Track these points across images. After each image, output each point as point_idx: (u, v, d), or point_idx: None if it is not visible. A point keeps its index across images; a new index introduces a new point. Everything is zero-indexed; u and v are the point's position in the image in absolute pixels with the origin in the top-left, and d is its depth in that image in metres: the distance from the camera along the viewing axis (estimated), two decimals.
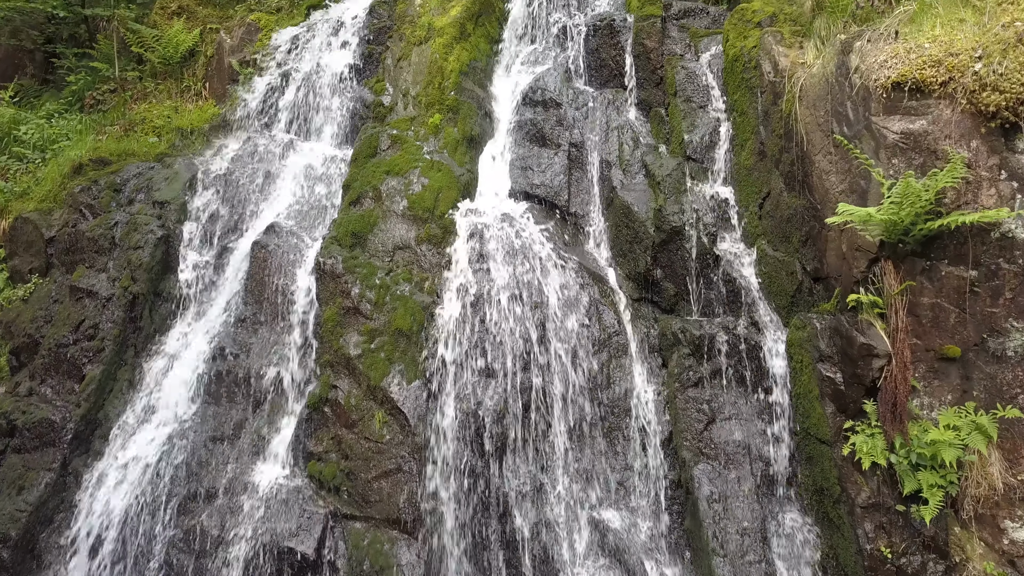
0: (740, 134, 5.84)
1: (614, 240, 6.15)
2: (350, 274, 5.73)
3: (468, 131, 6.69)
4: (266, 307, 6.01)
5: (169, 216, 6.73)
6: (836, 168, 4.55)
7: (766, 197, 5.44)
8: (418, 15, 7.52)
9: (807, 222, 4.89)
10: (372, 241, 5.94)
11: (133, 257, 6.42)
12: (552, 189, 6.50)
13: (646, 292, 5.89)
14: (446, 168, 6.32)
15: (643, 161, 6.32)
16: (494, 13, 7.89)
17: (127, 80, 9.16)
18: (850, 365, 4.33)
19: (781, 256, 5.18)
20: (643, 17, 6.94)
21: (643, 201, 6.01)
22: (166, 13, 9.44)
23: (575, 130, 6.74)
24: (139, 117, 8.55)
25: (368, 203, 6.19)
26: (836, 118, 4.56)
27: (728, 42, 6.24)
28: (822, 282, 4.81)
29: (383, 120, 6.94)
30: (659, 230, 5.72)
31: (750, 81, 5.75)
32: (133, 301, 6.24)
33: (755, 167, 5.60)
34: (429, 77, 6.95)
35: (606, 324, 5.59)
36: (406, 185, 6.21)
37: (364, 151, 6.61)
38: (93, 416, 5.83)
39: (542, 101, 6.97)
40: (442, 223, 5.97)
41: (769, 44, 5.61)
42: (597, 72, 7.26)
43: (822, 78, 4.78)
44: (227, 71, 8.57)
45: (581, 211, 6.46)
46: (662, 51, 6.82)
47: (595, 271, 5.93)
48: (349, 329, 5.58)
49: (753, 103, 5.69)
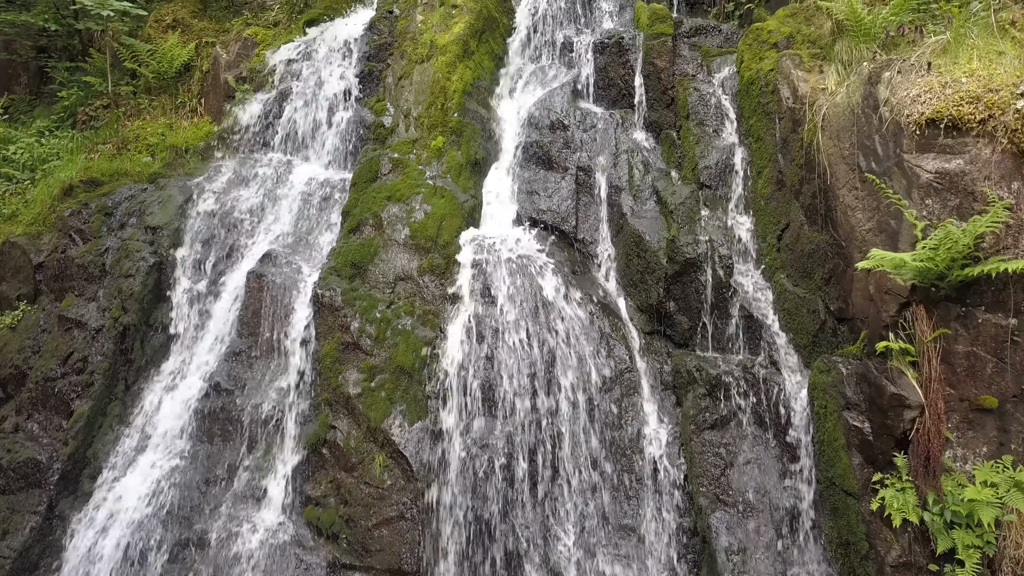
0: (757, 161, 5.60)
1: (624, 269, 5.91)
2: (349, 307, 5.49)
3: (472, 155, 6.45)
4: (262, 340, 5.76)
5: (162, 242, 6.48)
6: (863, 205, 4.31)
7: (785, 229, 5.20)
8: (420, 32, 7.28)
9: (830, 259, 4.65)
10: (372, 272, 5.69)
11: (124, 286, 6.18)
12: (559, 215, 6.26)
13: (658, 325, 5.64)
14: (449, 194, 6.08)
15: (654, 187, 6.08)
16: (498, 29, 7.65)
17: (121, 95, 8.91)
18: (879, 415, 4.09)
19: (802, 293, 4.94)
20: (653, 35, 6.70)
21: (655, 230, 5.77)
22: (160, 26, 9.20)
23: (583, 153, 6.50)
24: (132, 134, 8.32)
25: (368, 231, 5.95)
26: (863, 152, 4.32)
27: (743, 64, 6.00)
28: (847, 323, 4.57)
29: (384, 142, 6.69)
30: (672, 261, 5.48)
31: (767, 106, 5.51)
32: (124, 333, 6.00)
33: (773, 196, 5.36)
34: (431, 97, 6.70)
35: (617, 360, 5.35)
36: (408, 212, 5.97)
37: (364, 175, 6.36)
38: (81, 454, 5.58)
39: (548, 123, 6.73)
40: (445, 253, 5.73)
41: (787, 68, 5.37)
42: (605, 91, 7.02)
43: (847, 108, 4.54)
44: (223, 87, 8.33)
45: (589, 237, 6.22)
46: (673, 71, 6.58)
47: (605, 303, 5.69)
48: (348, 365, 5.34)
49: (770, 129, 5.45)
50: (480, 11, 7.37)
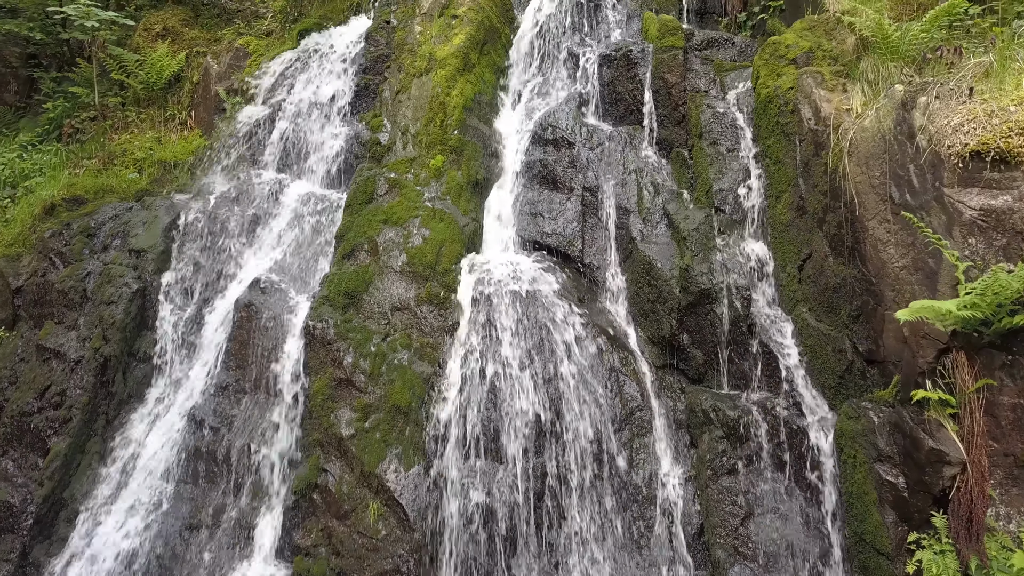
0: (775, 184, 5.27)
1: (634, 297, 5.58)
2: (342, 340, 5.16)
3: (473, 175, 6.12)
4: (250, 374, 5.44)
5: (146, 266, 6.15)
6: (896, 239, 3.99)
7: (807, 259, 4.87)
8: (418, 44, 6.95)
9: (859, 295, 4.32)
10: (367, 301, 5.37)
11: (105, 314, 5.85)
12: (565, 238, 5.94)
13: (671, 358, 5.32)
14: (449, 218, 5.75)
15: (665, 210, 5.75)
16: (499, 40, 7.33)
17: (108, 107, 8.59)
18: (915, 470, 3.76)
19: (826, 329, 4.61)
20: (663, 48, 6.37)
21: (667, 257, 5.44)
22: (150, 35, 8.87)
23: (589, 173, 6.17)
24: (119, 149, 7.99)
25: (363, 257, 5.63)
26: (895, 182, 4.00)
27: (759, 80, 5.67)
28: (877, 365, 4.24)
29: (380, 161, 6.37)
30: (686, 292, 5.15)
31: (786, 127, 5.18)
32: (104, 364, 5.67)
33: (793, 223, 5.03)
34: (430, 114, 6.38)
35: (628, 397, 5.02)
36: (405, 237, 5.64)
37: (359, 196, 6.04)
38: (57, 496, 5.26)
39: (553, 140, 6.40)
40: (445, 281, 5.40)
41: (808, 86, 5.05)
42: (612, 106, 6.69)
43: (876, 133, 4.21)
44: (213, 99, 8.01)
45: (597, 262, 5.89)
46: (684, 86, 6.25)
47: (614, 334, 5.37)
48: (341, 404, 5.01)
49: (790, 151, 5.12)
50: (481, 22, 7.05)
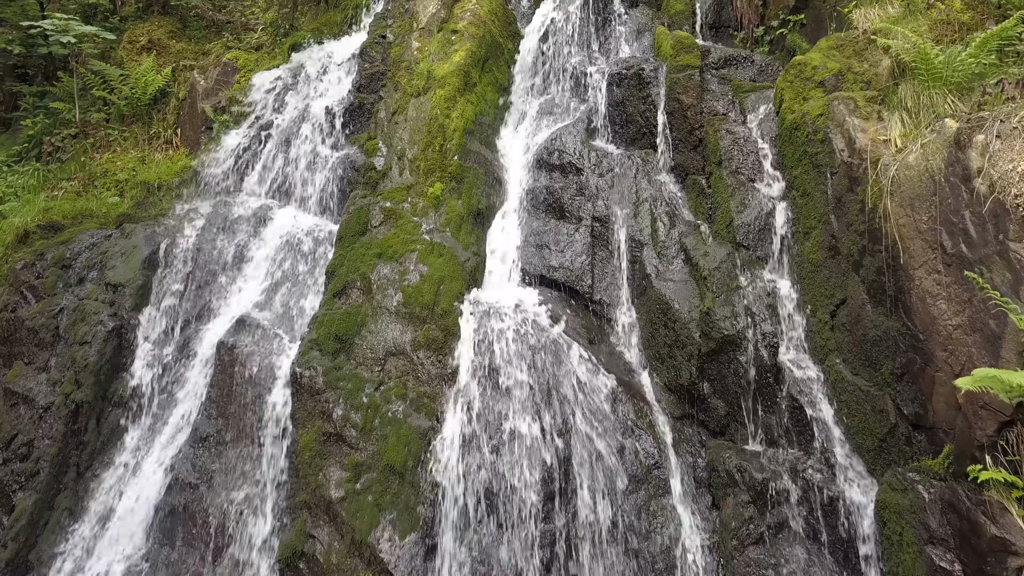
0: (803, 220, 4.85)
1: (649, 339, 5.16)
2: (332, 390, 4.74)
3: (474, 204, 5.70)
4: (233, 424, 5.02)
5: (123, 302, 5.73)
6: (948, 294, 3.57)
7: (840, 304, 4.45)
8: (416, 60, 6.53)
9: (903, 352, 3.90)
10: (359, 346, 4.94)
11: (78, 355, 5.43)
12: (573, 272, 5.52)
13: (690, 407, 4.89)
14: (448, 252, 5.33)
15: (682, 243, 5.33)
16: (502, 56, 6.91)
17: (90, 124, 8.17)
18: (974, 558, 3.34)
19: (864, 385, 4.18)
20: (678, 67, 5.95)
21: (685, 297, 5.02)
22: (134, 48, 8.45)
23: (599, 201, 5.75)
24: (100, 169, 7.57)
25: (355, 295, 5.20)
26: (947, 229, 3.58)
27: (784, 104, 5.25)
28: (925, 432, 3.81)
29: (375, 188, 5.94)
30: (707, 337, 4.73)
31: (816, 157, 4.76)
32: (76, 411, 5.25)
33: (824, 264, 4.60)
34: (429, 137, 5.95)
35: (644, 453, 4.59)
36: (401, 274, 5.22)
37: (352, 227, 5.61)
38: (23, 558, 4.84)
39: (559, 165, 5.98)
40: (444, 323, 4.98)
41: (840, 114, 4.62)
42: (623, 128, 6.27)
43: (924, 173, 3.79)
44: (200, 117, 7.59)
45: (608, 299, 5.47)
46: (701, 108, 5.82)
47: (628, 381, 4.95)
48: (330, 461, 4.59)
49: (820, 184, 4.70)
50: (483, 37, 6.63)
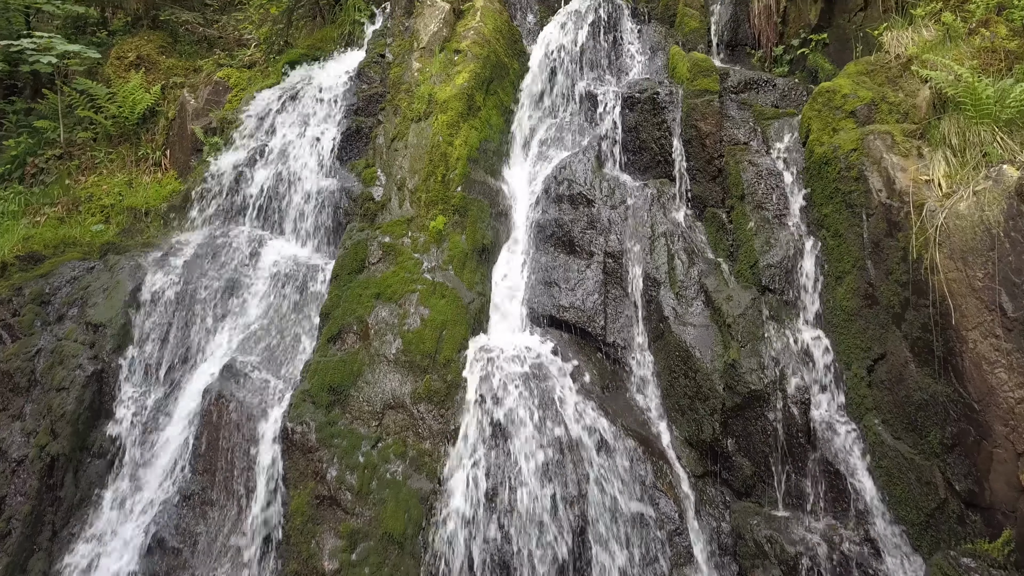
0: (835, 263, 4.49)
1: (668, 388, 4.80)
2: (326, 448, 4.38)
3: (479, 239, 5.34)
4: (219, 481, 4.66)
5: (104, 344, 5.37)
6: (1009, 362, 3.21)
7: (879, 360, 4.09)
8: (416, 83, 6.17)
9: (954, 421, 3.54)
10: (355, 398, 4.58)
11: (55, 402, 5.07)
12: (584, 313, 5.16)
13: (713, 464, 4.53)
14: (451, 294, 4.97)
15: (702, 284, 4.97)
16: (507, 76, 6.55)
17: (76, 144, 7.82)
18: None
19: (908, 452, 3.83)
20: (695, 92, 5.59)
21: (706, 344, 4.66)
22: (122, 64, 8.10)
23: (611, 235, 5.39)
24: (85, 193, 7.22)
25: (351, 340, 4.84)
26: (1008, 290, 3.22)
27: (811, 135, 4.89)
28: (981, 512, 3.46)
29: (373, 220, 5.58)
30: (732, 391, 4.37)
31: (849, 196, 4.40)
32: (52, 465, 4.89)
33: (860, 313, 4.24)
34: (430, 167, 5.59)
35: (664, 518, 4.23)
36: (401, 317, 4.86)
37: (348, 264, 5.26)
38: None
39: (569, 196, 5.63)
40: (446, 374, 4.62)
41: (877, 150, 4.27)
42: (635, 155, 5.91)
43: (977, 224, 3.43)
44: (190, 138, 7.23)
45: (622, 341, 5.11)
46: (720, 136, 5.47)
47: (645, 435, 4.59)
48: (324, 527, 4.23)
49: (854, 226, 4.34)
50: (487, 57, 6.27)
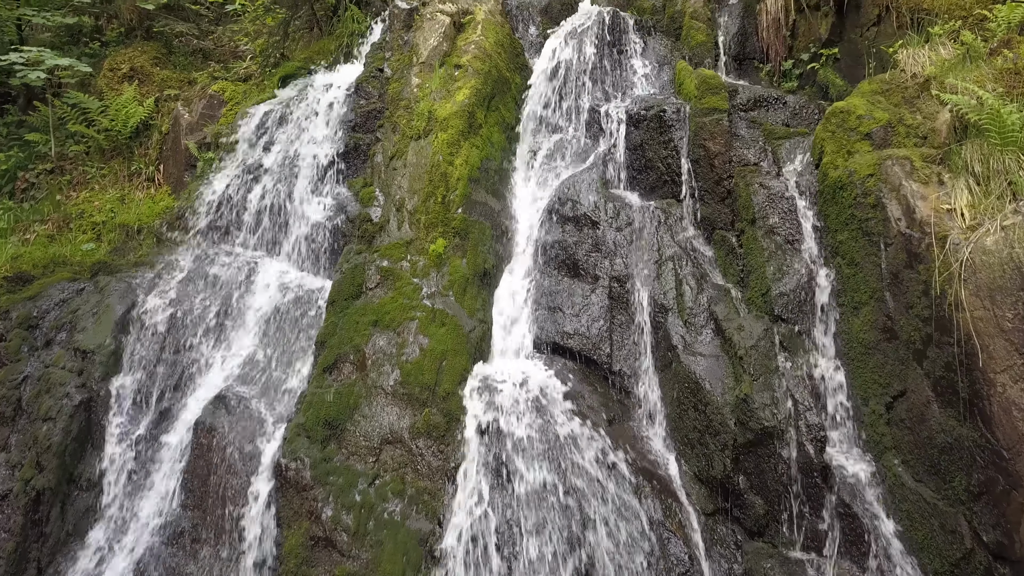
0: (851, 293, 4.32)
1: (677, 420, 4.63)
2: (321, 486, 4.21)
3: (480, 264, 5.17)
4: (211, 518, 4.48)
5: (93, 371, 5.19)
6: None
7: (899, 397, 3.92)
8: (415, 99, 6.00)
9: (981, 468, 3.37)
10: (352, 432, 4.41)
11: (41, 433, 4.90)
12: (589, 340, 4.99)
13: (724, 501, 4.36)
14: (452, 322, 4.80)
15: (711, 311, 4.80)
16: (509, 91, 6.38)
17: (68, 158, 7.64)
18: None
19: (931, 496, 3.65)
20: (703, 110, 5.42)
21: (717, 376, 4.49)
22: (116, 76, 7.92)
23: (617, 259, 5.22)
24: (76, 210, 7.04)
25: (348, 370, 4.67)
26: None
27: (825, 158, 4.72)
28: (1011, 565, 3.28)
29: (371, 242, 5.41)
30: (744, 427, 4.20)
31: (866, 224, 4.23)
32: (37, 499, 4.71)
33: (878, 347, 4.07)
34: (430, 187, 5.42)
35: (673, 560, 4.06)
36: (399, 347, 4.69)
37: (345, 289, 5.08)
38: None
39: (573, 217, 5.46)
40: (446, 407, 4.45)
41: (895, 177, 4.09)
42: (641, 174, 5.74)
43: (1007, 261, 3.26)
44: (184, 153, 7.06)
45: (628, 369, 4.94)
46: (729, 156, 5.30)
47: (653, 471, 4.41)
48: (319, 570, 4.05)
49: (871, 255, 4.17)
50: (488, 72, 6.10)
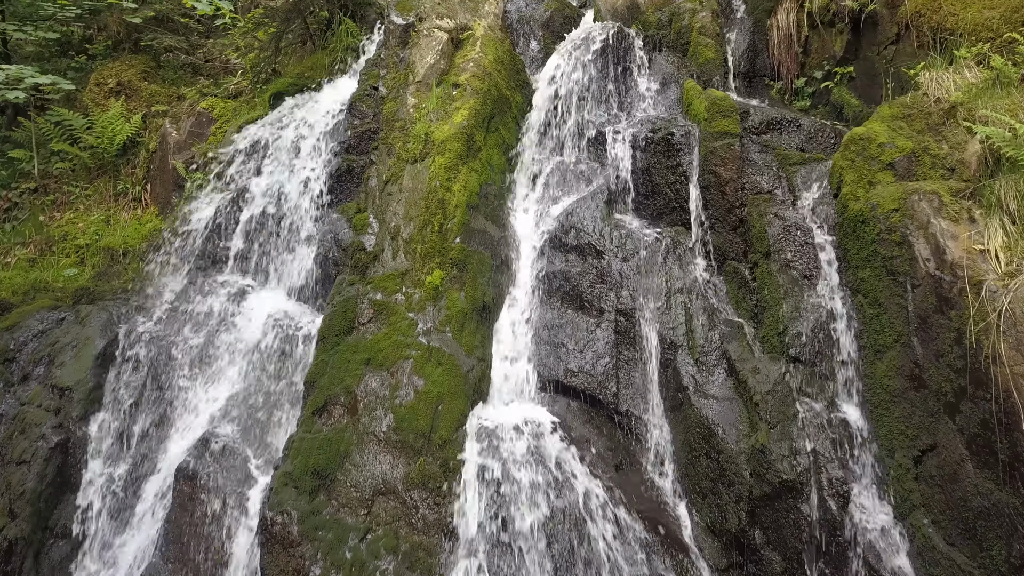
0: (874, 335, 4.05)
1: (688, 467, 4.36)
2: (309, 541, 3.94)
3: (479, 297, 4.90)
4: (192, 568, 4.21)
5: (71, 409, 4.93)
6: None
7: (928, 451, 3.65)
8: (412, 120, 5.73)
9: (1022, 536, 3.11)
10: (342, 482, 4.14)
11: (15, 478, 4.63)
12: (594, 378, 4.73)
13: (739, 556, 4.09)
14: (449, 361, 4.53)
15: (724, 350, 4.53)
16: (510, 111, 6.11)
17: (52, 176, 7.38)
18: None
19: (965, 563, 3.39)
20: (714, 134, 5.16)
21: (730, 421, 4.22)
22: (102, 91, 7.65)
23: (623, 290, 4.96)
24: (60, 232, 6.78)
25: (338, 414, 4.40)
26: None
27: (844, 188, 4.46)
28: None
29: (364, 273, 5.14)
30: (760, 479, 3.93)
31: (891, 262, 3.96)
32: (10, 549, 4.45)
33: (905, 396, 3.81)
34: (427, 215, 5.16)
35: None
36: (392, 388, 4.42)
37: (337, 324, 4.82)
38: None
39: (576, 246, 5.20)
40: (443, 455, 4.18)
41: (922, 213, 3.83)
42: (647, 200, 5.47)
43: None
44: (171, 173, 6.79)
45: (635, 409, 4.67)
46: (741, 183, 5.03)
47: (663, 521, 4.15)
48: None
49: (897, 296, 3.90)
50: (488, 91, 5.84)
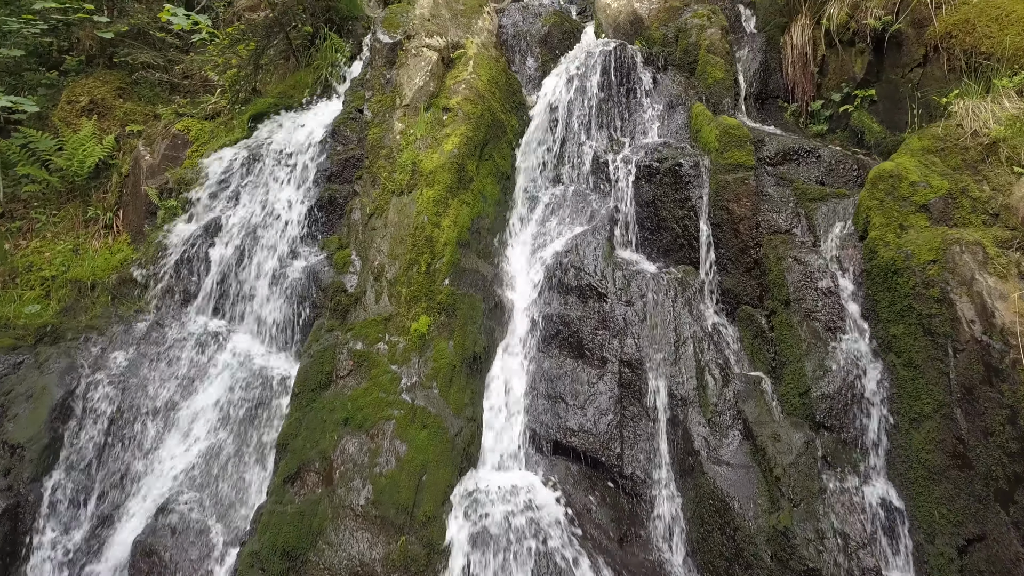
0: (909, 401, 3.62)
1: (700, 541, 3.93)
2: None
3: (469, 346, 4.46)
4: None
5: (22, 470, 4.49)
6: None
7: (974, 541, 3.22)
8: (398, 147, 5.30)
9: None
10: (314, 564, 3.70)
11: None
12: (596, 437, 4.30)
13: None
14: (435, 423, 4.09)
15: (739, 409, 4.10)
16: (504, 136, 5.68)
17: (19, 199, 6.96)
18: None
19: None
20: (726, 167, 4.73)
21: (747, 494, 3.79)
22: (74, 109, 7.22)
23: (627, 338, 4.52)
24: (25, 262, 6.34)
25: (312, 482, 3.97)
26: None
27: (872, 231, 4.02)
28: None
29: (344, 318, 4.71)
30: (783, 565, 3.49)
31: (928, 321, 3.53)
32: None
33: (946, 475, 3.37)
34: (413, 253, 4.73)
35: None
36: (372, 454, 3.98)
37: (312, 378, 4.38)
38: None
39: (576, 287, 4.77)
40: (426, 534, 3.74)
41: (965, 267, 3.40)
42: (654, 235, 5.05)
43: None
44: (144, 200, 6.37)
45: (641, 473, 4.24)
46: (757, 221, 4.60)
47: None
48: None
49: (936, 359, 3.47)
50: (481, 116, 5.40)
